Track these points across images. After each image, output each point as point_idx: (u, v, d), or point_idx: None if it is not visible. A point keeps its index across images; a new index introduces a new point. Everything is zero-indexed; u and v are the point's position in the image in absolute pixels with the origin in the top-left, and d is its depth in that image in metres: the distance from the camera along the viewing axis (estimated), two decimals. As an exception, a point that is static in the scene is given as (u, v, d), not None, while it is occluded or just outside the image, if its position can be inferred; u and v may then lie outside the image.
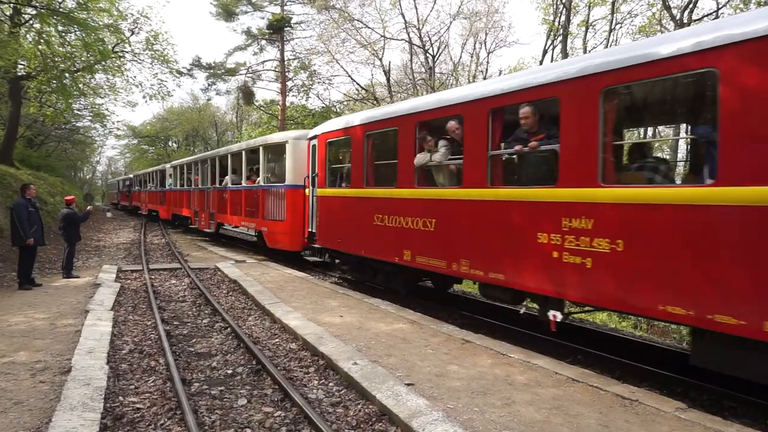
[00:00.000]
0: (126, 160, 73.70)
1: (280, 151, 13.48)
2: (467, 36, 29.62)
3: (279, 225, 12.80)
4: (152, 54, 25.28)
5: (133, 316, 8.02)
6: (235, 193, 16.08)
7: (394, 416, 4.17)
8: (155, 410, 4.60)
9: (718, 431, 3.78)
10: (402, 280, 8.88)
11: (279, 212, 12.79)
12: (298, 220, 12.07)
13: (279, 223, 12.80)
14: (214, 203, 17.93)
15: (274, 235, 13.14)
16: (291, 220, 12.28)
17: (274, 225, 13.07)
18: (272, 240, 13.22)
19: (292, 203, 12.25)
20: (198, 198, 20.24)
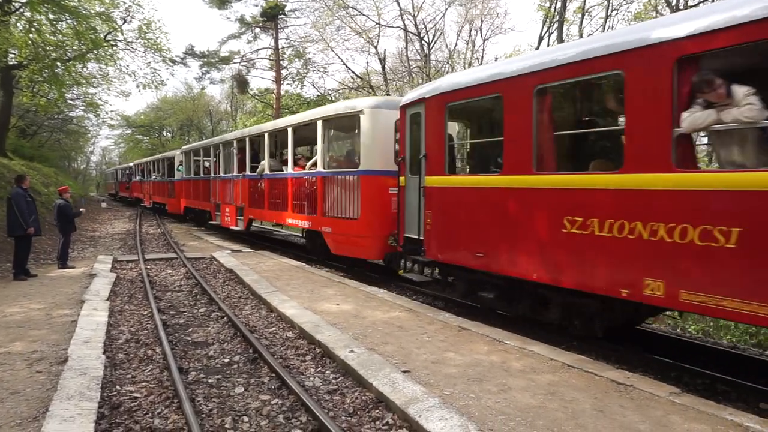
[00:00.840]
0: (120, 150, 73.24)
1: (350, 125, 10.78)
2: (463, 23, 29.43)
3: (349, 225, 9.81)
4: (145, 43, 25.05)
5: (129, 306, 8.02)
6: (277, 182, 13.04)
7: (390, 403, 4.19)
8: (152, 399, 4.61)
9: (712, 415, 3.82)
10: (608, 319, 5.81)
11: (349, 208, 9.80)
12: (378, 219, 9.29)
13: (349, 223, 9.82)
14: (244, 195, 14.96)
15: (341, 239, 10.14)
16: (368, 218, 9.40)
17: (342, 225, 10.03)
18: (338, 244, 10.30)
19: (369, 196, 9.39)
20: (221, 189, 17.10)
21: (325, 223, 10.54)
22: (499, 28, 35.70)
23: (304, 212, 11.51)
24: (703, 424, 3.68)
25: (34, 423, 3.85)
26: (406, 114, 8.20)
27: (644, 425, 3.67)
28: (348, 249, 10.07)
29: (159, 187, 27.42)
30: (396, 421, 4.02)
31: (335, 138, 12.53)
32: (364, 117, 9.54)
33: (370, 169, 9.44)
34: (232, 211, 15.96)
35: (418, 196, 7.80)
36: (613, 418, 3.80)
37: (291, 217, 12.17)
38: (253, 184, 14.52)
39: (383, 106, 9.56)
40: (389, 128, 9.33)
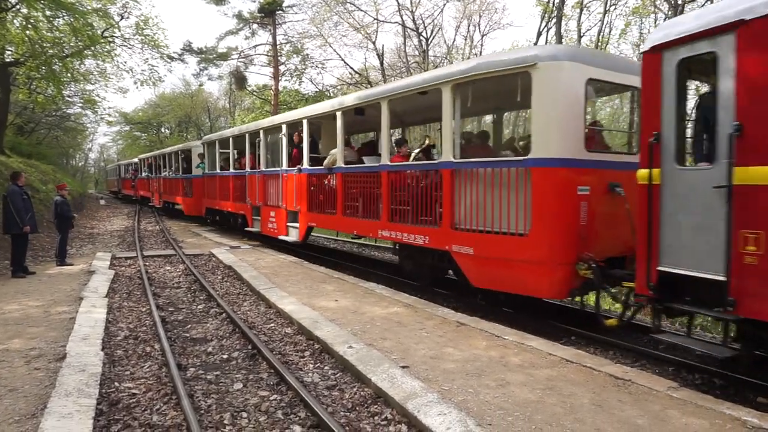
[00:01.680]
0: (118, 147, 73.06)
1: (508, 89, 7.09)
2: (461, 18, 29.38)
3: (509, 244, 6.45)
4: (142, 39, 24.97)
5: (128, 303, 8.01)
6: (360, 178, 9.44)
7: (389, 398, 4.20)
8: (151, 395, 4.61)
9: (710, 409, 3.83)
10: None
11: (509, 217, 6.43)
12: (561, 235, 6.10)
13: (508, 241, 6.45)
14: (301, 195, 11.44)
15: (494, 265, 6.72)
16: (544, 234, 6.13)
17: (495, 243, 6.62)
18: (486, 272, 6.88)
19: (546, 199, 6.12)
20: (262, 187, 13.61)
21: (460, 240, 7.06)
22: (497, 24, 35.70)
23: (415, 221, 7.96)
24: (701, 418, 3.69)
25: (32, 420, 3.85)
26: (665, 62, 4.87)
27: (642, 419, 3.68)
28: (505, 280, 6.66)
29: (172, 184, 23.53)
30: (395, 416, 4.02)
31: (475, 109, 8.84)
32: (539, 74, 6.09)
33: (547, 158, 6.08)
34: (280, 216, 12.47)
35: (709, 201, 4.48)
36: (611, 412, 3.81)
37: (388, 228, 8.54)
38: (316, 181, 11.02)
39: (569, 57, 6.15)
40: (576, 92, 6.15)
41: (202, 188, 19.31)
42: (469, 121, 10.54)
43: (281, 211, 12.38)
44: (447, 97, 7.25)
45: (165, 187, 24.84)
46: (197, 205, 19.95)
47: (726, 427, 3.55)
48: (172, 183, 23.37)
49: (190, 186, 20.64)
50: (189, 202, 20.75)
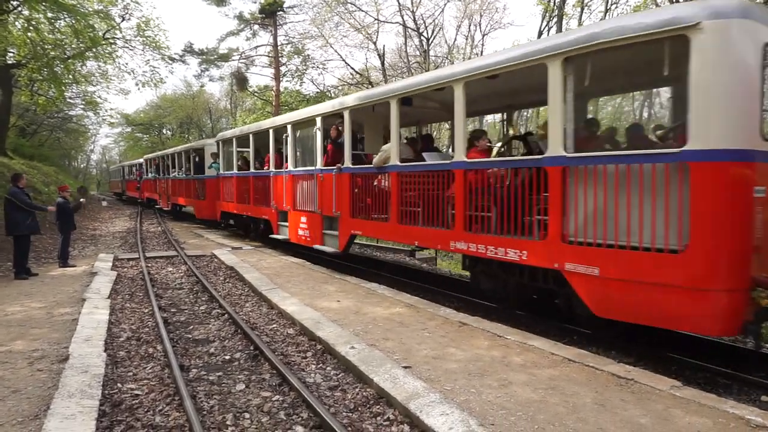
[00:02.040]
0: (120, 149, 73.20)
1: (651, 60, 5.54)
2: (462, 18, 29.40)
3: (652, 264, 4.91)
4: (144, 40, 25.08)
5: (130, 304, 8.02)
6: (423, 178, 7.83)
7: (391, 399, 4.19)
8: (154, 396, 4.61)
9: (713, 408, 3.82)
10: None
11: (653, 230, 4.88)
12: (732, 255, 4.60)
13: (651, 260, 4.91)
14: (342, 198, 9.83)
15: (630, 291, 5.12)
16: (708, 252, 4.60)
17: (630, 263, 5.07)
18: (617, 299, 5.27)
19: (709, 206, 4.60)
20: (290, 189, 11.91)
21: (577, 257, 5.51)
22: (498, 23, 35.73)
23: (503, 231, 6.49)
24: (704, 417, 3.68)
25: (35, 421, 3.85)
26: None
27: (645, 419, 3.67)
28: (645, 310, 5.06)
29: (182, 186, 21.77)
30: (397, 416, 4.02)
31: (592, 90, 7.01)
32: (702, 38, 4.57)
33: (713, 149, 4.56)
34: (314, 223, 10.84)
35: None
36: (614, 412, 3.80)
37: (464, 238, 6.98)
38: (361, 182, 9.46)
39: (741, 14, 4.58)
40: (750, 62, 4.64)
41: (216, 190, 17.51)
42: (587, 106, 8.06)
43: (315, 216, 10.73)
44: (555, 75, 5.65)
45: (174, 189, 23.20)
46: (211, 209, 18.26)
47: (729, 426, 3.54)
48: (183, 184, 21.65)
49: (202, 188, 18.94)
50: (202, 205, 19.09)
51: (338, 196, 9.92)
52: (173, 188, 23.32)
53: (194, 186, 19.84)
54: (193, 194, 20.08)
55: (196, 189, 19.63)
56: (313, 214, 10.90)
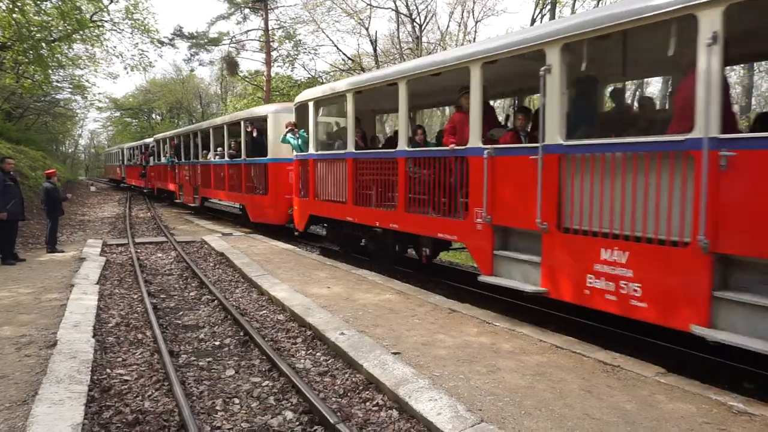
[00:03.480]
0: (109, 133, 72.37)
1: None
2: (455, 4, 29.19)
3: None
4: (132, 23, 24.70)
5: (119, 290, 7.99)
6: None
7: (380, 384, 4.22)
8: (143, 382, 4.61)
9: (697, 394, 3.88)
10: None
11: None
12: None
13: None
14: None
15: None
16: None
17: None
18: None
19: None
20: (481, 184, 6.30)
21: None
22: (491, 10, 35.65)
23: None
24: (688, 403, 3.74)
25: (23, 406, 3.84)
26: None
27: (631, 405, 3.72)
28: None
29: (223, 174, 15.98)
30: (386, 402, 4.05)
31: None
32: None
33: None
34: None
35: None
36: (600, 398, 3.85)
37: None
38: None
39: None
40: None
41: (304, 180, 10.69)
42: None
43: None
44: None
45: (207, 178, 17.20)
46: (279, 208, 12.95)
47: (712, 412, 3.60)
48: (224, 172, 15.78)
49: (263, 176, 13.39)
50: (263, 202, 13.40)
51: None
52: (205, 177, 17.39)
53: (247, 174, 14.20)
54: (244, 186, 14.34)
55: (252, 178, 13.98)
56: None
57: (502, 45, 6.03)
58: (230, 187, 15.52)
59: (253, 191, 13.96)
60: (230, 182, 15.50)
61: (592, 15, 5.18)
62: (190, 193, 18.96)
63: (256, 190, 13.79)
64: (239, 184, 14.70)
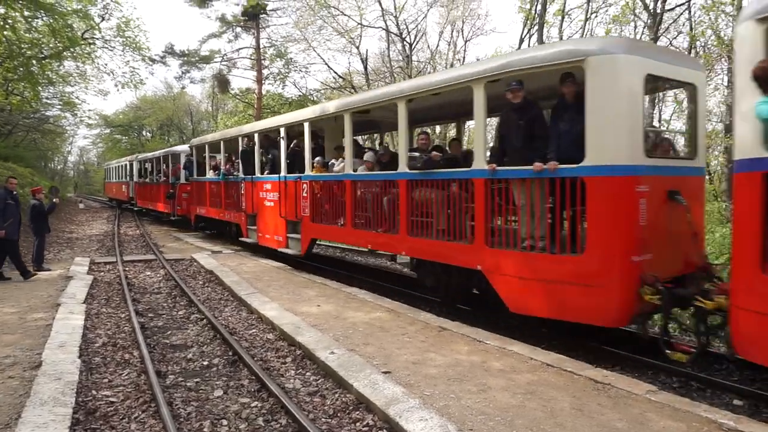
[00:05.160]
0: (98, 150, 71.95)
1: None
2: (444, 24, 29.62)
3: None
4: (124, 41, 24.82)
5: (107, 309, 7.88)
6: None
7: (371, 404, 4.18)
8: (129, 403, 4.54)
9: (688, 412, 3.88)
10: None
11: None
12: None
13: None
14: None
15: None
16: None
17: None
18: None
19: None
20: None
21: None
22: (480, 30, 35.92)
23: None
24: (678, 421, 3.74)
25: (6, 430, 3.76)
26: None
27: (622, 423, 3.71)
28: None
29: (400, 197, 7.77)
30: (376, 422, 4.01)
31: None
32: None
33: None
34: None
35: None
36: (591, 416, 3.84)
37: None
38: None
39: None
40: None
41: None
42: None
43: None
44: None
45: (338, 205, 9.42)
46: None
47: (703, 430, 3.60)
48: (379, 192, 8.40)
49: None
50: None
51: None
52: (327, 202, 9.84)
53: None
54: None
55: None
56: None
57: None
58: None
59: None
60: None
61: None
62: (281, 229, 11.37)
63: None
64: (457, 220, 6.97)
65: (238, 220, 14.02)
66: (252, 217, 13.13)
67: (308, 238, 10.50)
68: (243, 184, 13.35)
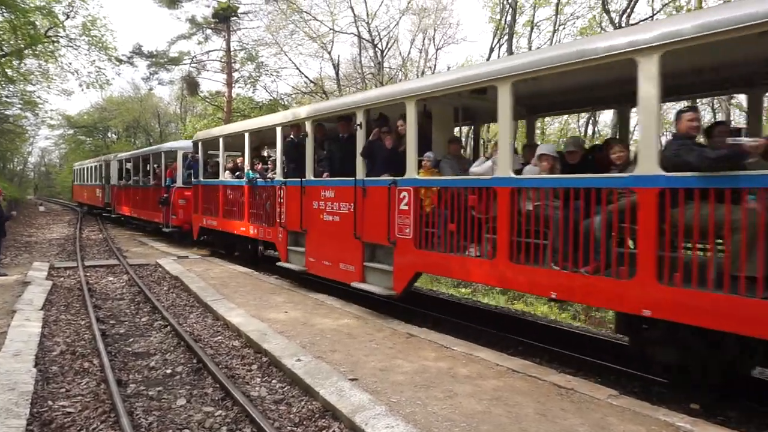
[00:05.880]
0: (61, 152, 69.84)
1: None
2: (416, 32, 29.80)
3: None
4: (89, 40, 24.23)
5: (66, 316, 7.64)
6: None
7: (337, 412, 4.16)
8: (87, 414, 4.39)
9: (647, 416, 3.98)
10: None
11: None
12: None
13: None
14: None
15: None
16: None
17: None
18: None
19: None
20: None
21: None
22: (451, 38, 36.45)
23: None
24: (638, 425, 3.83)
25: (-47, 443, 3.60)
26: None
27: (584, 428, 3.78)
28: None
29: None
30: (343, 430, 3.98)
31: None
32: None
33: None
34: None
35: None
36: (554, 421, 3.89)
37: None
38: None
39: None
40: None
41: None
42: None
43: None
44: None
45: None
46: None
47: (661, 433, 3.70)
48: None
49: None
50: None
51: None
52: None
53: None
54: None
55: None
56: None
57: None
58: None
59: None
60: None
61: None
62: (354, 254, 7.95)
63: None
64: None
65: (271, 238, 10.24)
66: (297, 236, 9.47)
67: (409, 271, 6.93)
68: (283, 189, 9.67)
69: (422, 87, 6.87)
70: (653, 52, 4.43)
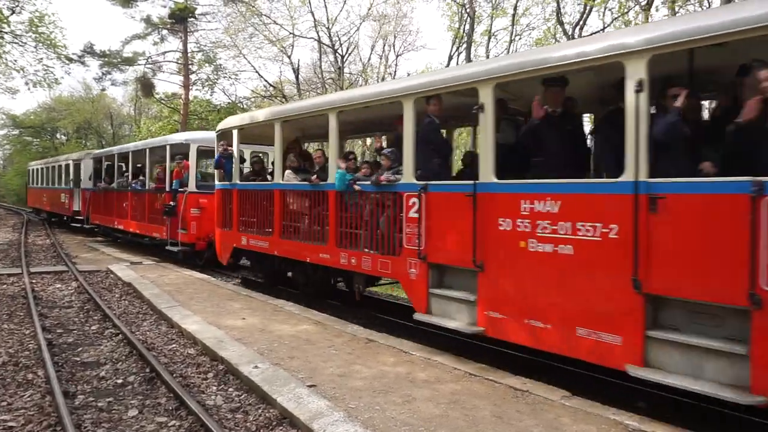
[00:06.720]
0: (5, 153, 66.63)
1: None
2: (376, 38, 30.00)
3: None
4: (37, 37, 23.26)
5: (8, 325, 7.28)
6: None
7: (295, 419, 4.12)
8: (31, 428, 4.20)
9: (598, 415, 4.11)
10: None
11: None
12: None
13: None
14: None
15: None
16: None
17: None
18: None
19: None
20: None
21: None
22: (411, 45, 36.68)
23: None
24: (589, 424, 3.95)
25: None
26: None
27: (538, 429, 3.87)
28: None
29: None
30: (300, 437, 3.95)
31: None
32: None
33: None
34: None
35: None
36: (510, 423, 3.97)
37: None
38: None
39: None
40: None
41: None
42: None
43: None
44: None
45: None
46: None
47: (611, 431, 3.82)
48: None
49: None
50: None
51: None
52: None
53: None
54: None
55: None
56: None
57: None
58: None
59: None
60: None
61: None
62: (624, 315, 4.37)
63: None
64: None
65: (390, 273, 6.74)
66: (453, 273, 6.09)
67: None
68: (420, 198, 6.10)
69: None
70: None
